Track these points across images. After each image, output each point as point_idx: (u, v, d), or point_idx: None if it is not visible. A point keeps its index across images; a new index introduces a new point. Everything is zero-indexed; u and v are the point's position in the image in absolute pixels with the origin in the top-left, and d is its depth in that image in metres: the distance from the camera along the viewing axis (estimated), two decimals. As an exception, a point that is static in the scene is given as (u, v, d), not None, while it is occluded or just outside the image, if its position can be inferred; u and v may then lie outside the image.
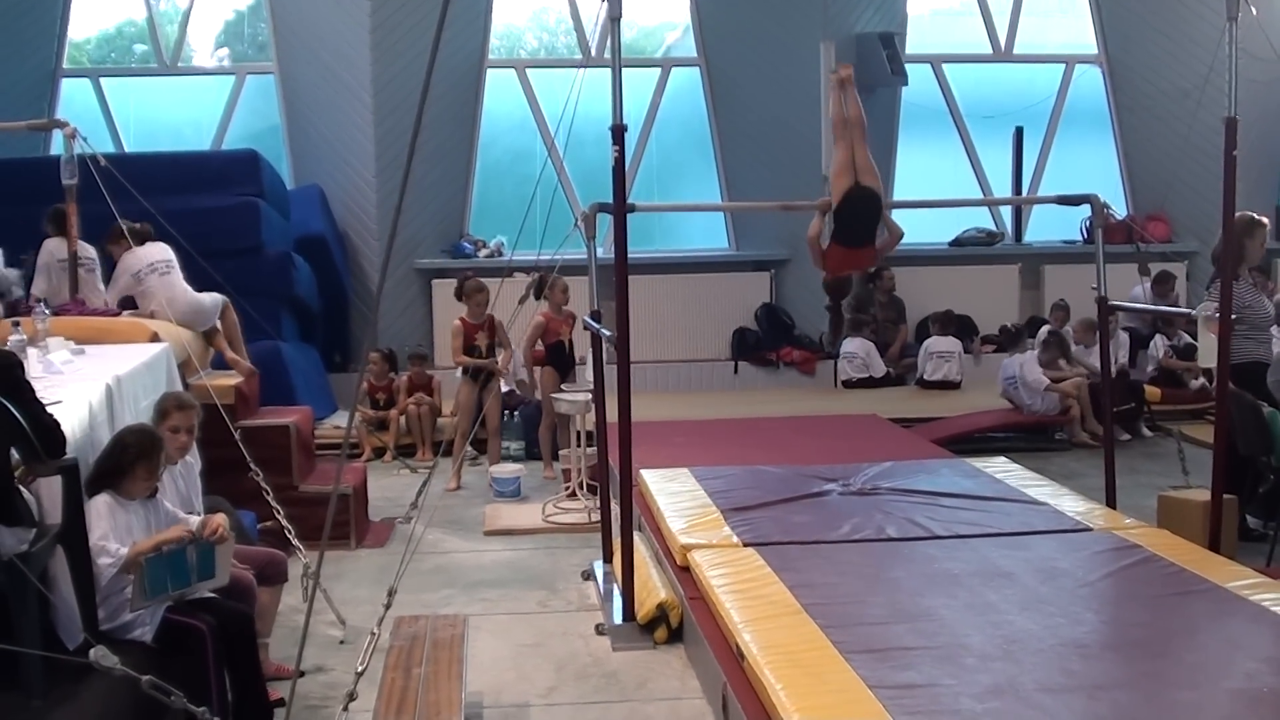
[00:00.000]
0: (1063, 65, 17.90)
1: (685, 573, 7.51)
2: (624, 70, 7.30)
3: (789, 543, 7.73)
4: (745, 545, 7.66)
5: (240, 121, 16.74)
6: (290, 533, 7.82)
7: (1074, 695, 5.28)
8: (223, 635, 5.84)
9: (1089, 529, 7.99)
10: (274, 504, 7.99)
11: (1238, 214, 9.32)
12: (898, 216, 9.26)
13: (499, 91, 16.66)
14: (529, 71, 16.88)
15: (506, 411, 13.14)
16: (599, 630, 7.68)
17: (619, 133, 7.22)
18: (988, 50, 17.78)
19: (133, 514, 5.84)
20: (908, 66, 16.39)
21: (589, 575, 8.82)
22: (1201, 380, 14.00)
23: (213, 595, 6.02)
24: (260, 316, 11.93)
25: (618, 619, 7.63)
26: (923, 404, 14.92)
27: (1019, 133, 17.34)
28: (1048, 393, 13.50)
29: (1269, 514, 9.45)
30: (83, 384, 6.47)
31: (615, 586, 7.92)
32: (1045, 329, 14.91)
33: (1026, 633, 6.07)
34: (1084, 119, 17.87)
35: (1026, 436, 13.75)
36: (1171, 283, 15.16)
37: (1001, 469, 9.92)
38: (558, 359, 12.05)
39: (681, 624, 7.32)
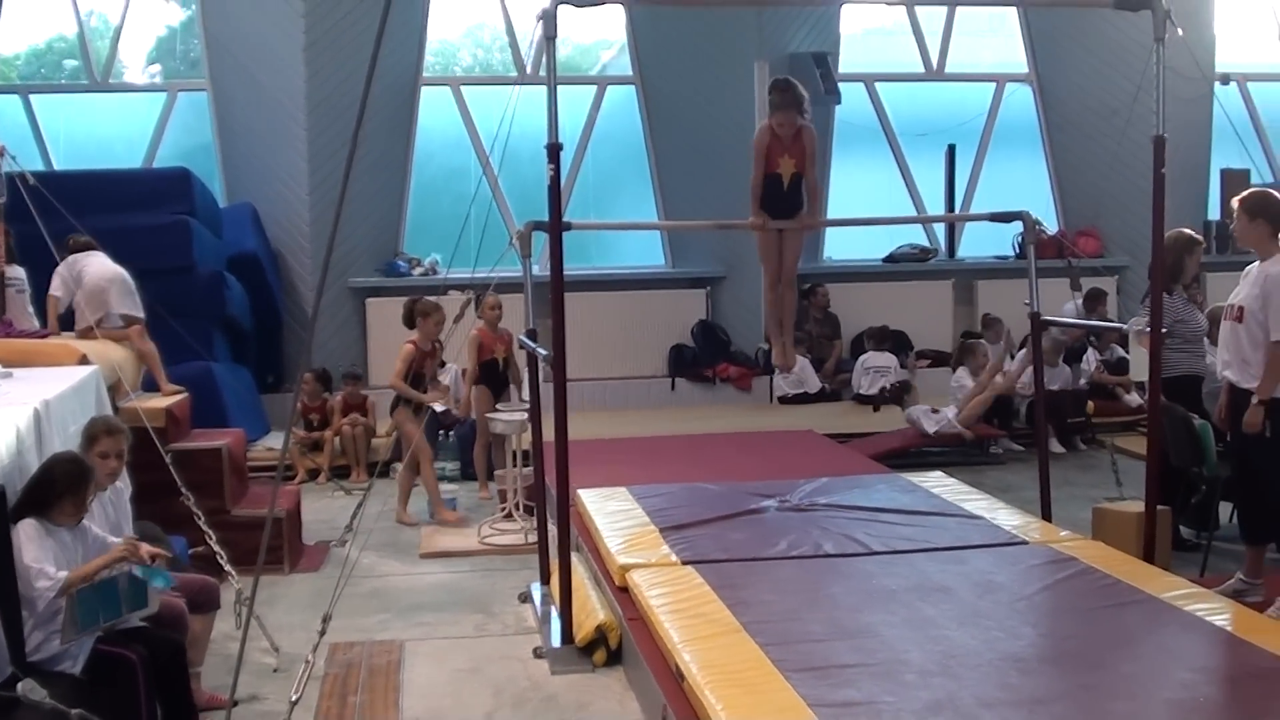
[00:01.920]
0: (994, 84, 18.02)
1: (624, 593, 7.45)
2: (559, 88, 7.27)
3: (727, 560, 7.69)
4: (684, 564, 7.62)
5: (172, 139, 16.57)
6: (222, 558, 7.70)
7: (1013, 709, 5.26)
8: (154, 665, 5.73)
9: (1025, 542, 8.00)
10: (206, 529, 7.86)
11: (1178, 231, 9.42)
12: (833, 234, 9.27)
13: (433, 108, 16.60)
14: (464, 88, 16.83)
15: (441, 431, 13.05)
16: (537, 653, 7.60)
17: (554, 151, 7.18)
18: (920, 69, 17.86)
19: (60, 541, 5.72)
20: (841, 85, 16.42)
21: (526, 597, 8.75)
22: (1135, 394, 14.10)
23: (143, 624, 5.92)
24: (192, 337, 11.82)
25: (556, 642, 7.56)
26: (858, 419, 14.94)
27: (951, 150, 17.42)
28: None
29: (1202, 524, 9.51)
30: (10, 408, 6.34)
31: (553, 608, 7.87)
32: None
33: (965, 647, 6.05)
34: (1015, 136, 17.99)
35: (961, 451, 13.78)
36: (1102, 299, 15.25)
37: (937, 483, 9.92)
38: (492, 378, 11.96)
39: (620, 645, 7.26)
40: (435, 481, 11.34)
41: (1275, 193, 8.06)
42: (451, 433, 13.30)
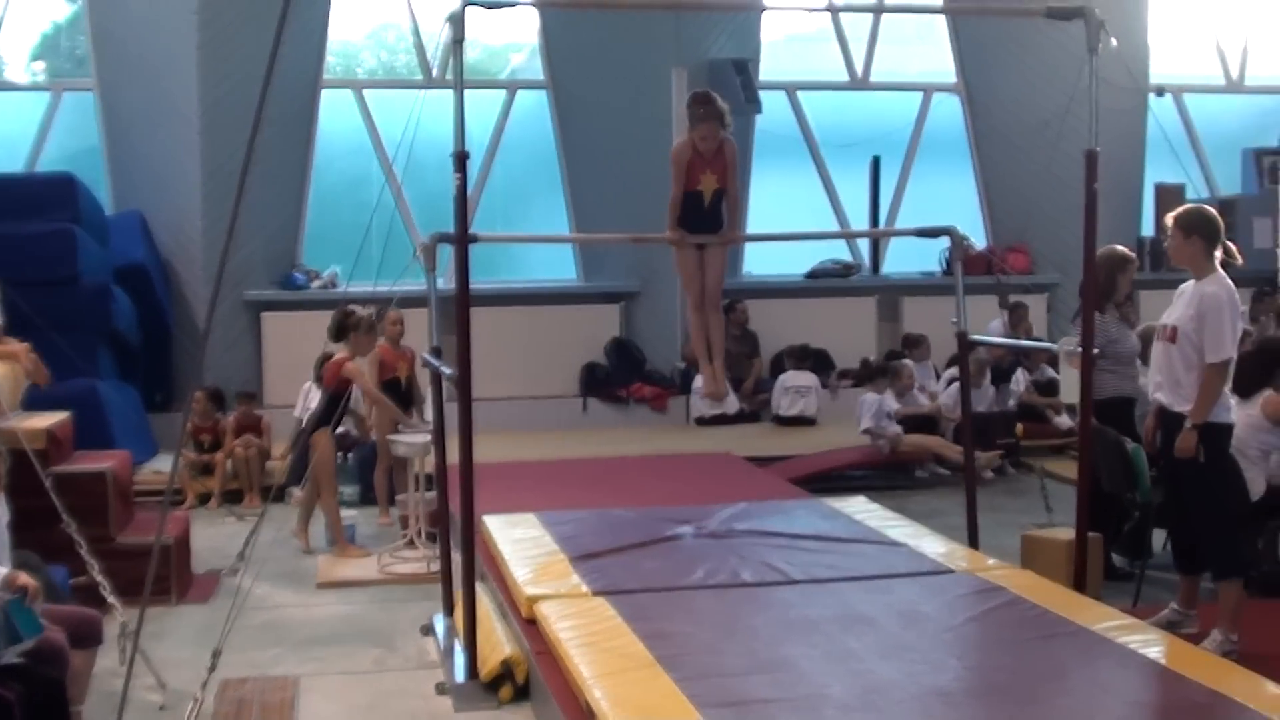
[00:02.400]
0: (920, 94, 18.14)
1: (531, 625, 7.41)
2: (467, 92, 7.23)
3: (641, 590, 7.66)
4: (595, 594, 7.58)
5: (56, 142, 16.36)
6: (106, 589, 7.58)
7: (939, 748, 5.27)
8: (30, 705, 5.61)
9: (951, 571, 8.02)
10: (88, 557, 7.72)
11: (1110, 248, 9.51)
12: (752, 249, 9.28)
13: (334, 113, 16.50)
14: (366, 92, 16.75)
15: (340, 453, 12.96)
16: (439, 689, 7.54)
17: (461, 159, 7.14)
18: (844, 78, 17.96)
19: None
20: (762, 94, 16.49)
21: (429, 630, 8.69)
22: (1065, 417, 14.22)
23: (19, 660, 5.79)
24: (75, 353, 11.68)
25: (460, 677, 7.51)
26: (778, 441, 14.97)
27: (876, 162, 17.53)
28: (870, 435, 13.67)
29: (1134, 552, 9.58)
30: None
31: (457, 642, 7.81)
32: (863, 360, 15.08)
33: (888, 681, 6.05)
34: (943, 148, 18.12)
35: (886, 474, 13.84)
36: (1025, 313, 15.39)
37: (860, 509, 9.94)
38: (394, 397, 11.88)
39: (528, 681, 7.22)
40: (338, 510, 11.23)
41: (1211, 209, 8.14)
42: (350, 455, 13.20)
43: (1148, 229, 18.00)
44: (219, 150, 15.04)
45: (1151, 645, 6.46)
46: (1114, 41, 7.42)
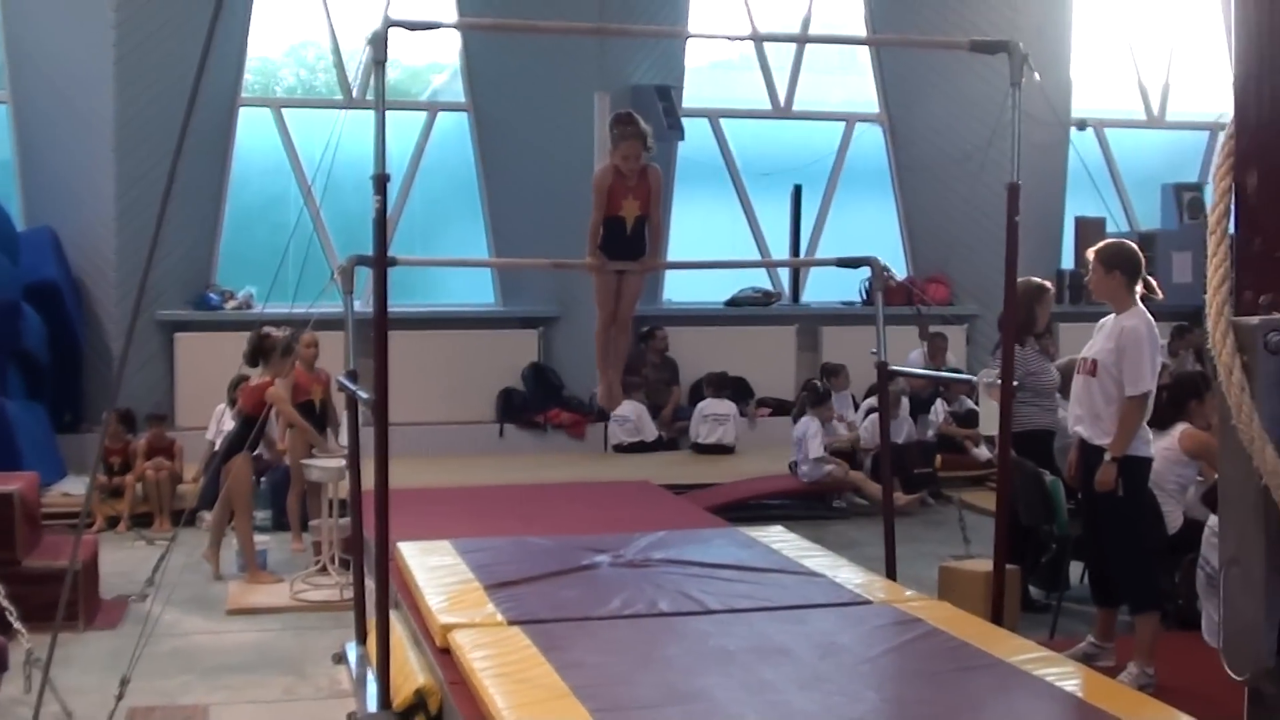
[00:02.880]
0: (843, 123, 18.23)
1: (445, 655, 7.35)
2: (388, 113, 7.19)
3: (557, 620, 7.62)
4: (510, 624, 7.54)
5: (-36, 155, 16.21)
6: (12, 614, 7.48)
7: (855, 781, 5.27)
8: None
9: (869, 601, 8.02)
10: (-8, 581, 7.66)
11: (1026, 280, 9.57)
12: (673, 275, 9.28)
13: (252, 131, 16.40)
14: (285, 111, 16.67)
15: (252, 478, 12.86)
16: (351, 719, 7.49)
17: (381, 182, 7.08)
18: (767, 106, 18.03)
19: None
20: (685, 120, 16.54)
21: (341, 658, 8.62)
22: (984, 448, 14.31)
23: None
24: (-17, 371, 11.55)
25: (372, 706, 7.43)
26: (696, 469, 14.99)
27: (797, 191, 17.60)
28: (818, 463, 13.65)
29: (1051, 585, 9.66)
30: None
31: (370, 670, 7.74)
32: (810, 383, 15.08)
33: (804, 713, 6.04)
34: (864, 178, 18.23)
35: (804, 504, 13.89)
36: (944, 344, 15.49)
37: (778, 538, 9.94)
38: (308, 420, 11.80)
39: (441, 711, 7.17)
40: (252, 536, 11.14)
41: (1132, 244, 8.24)
42: (263, 480, 13.10)
43: (1068, 262, 18.18)
44: (134, 166, 14.93)
45: (1068, 678, 6.48)
46: (1037, 75, 7.48)
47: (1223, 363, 1.55)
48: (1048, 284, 10.16)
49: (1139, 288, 7.87)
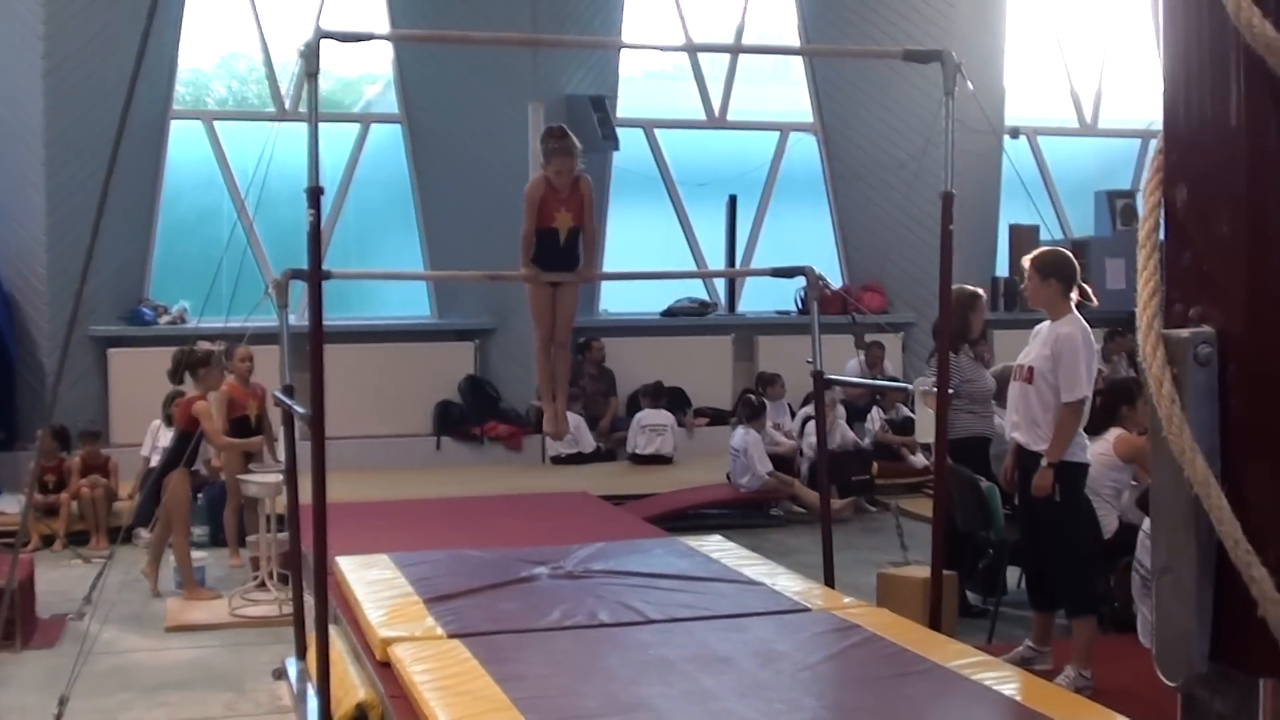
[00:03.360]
0: (777, 133, 18.30)
1: (386, 668, 7.34)
2: (320, 125, 7.16)
3: (497, 632, 7.62)
4: (450, 636, 7.52)
5: (-106, 171, 16.04)
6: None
7: (796, 789, 5.29)
8: None
9: (808, 609, 8.05)
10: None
11: (959, 287, 9.62)
12: (609, 286, 9.29)
13: (184, 144, 16.32)
14: (217, 123, 16.59)
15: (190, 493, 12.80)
16: (291, 733, 7.48)
17: (315, 195, 7.05)
18: (702, 116, 18.07)
19: None
20: (620, 131, 16.56)
21: (281, 674, 8.59)
22: (920, 455, 14.38)
23: None
24: (-87, 388, 11.45)
25: (313, 720, 7.44)
26: (634, 480, 15.01)
27: (733, 201, 17.65)
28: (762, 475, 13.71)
29: (988, 590, 9.71)
30: None
31: (310, 685, 7.71)
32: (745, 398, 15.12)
33: (746, 722, 6.07)
34: (799, 188, 18.30)
35: (741, 513, 13.93)
36: (880, 353, 15.58)
37: (717, 547, 9.96)
38: (242, 435, 11.74)
39: (382, 723, 7.17)
40: (189, 552, 11.07)
41: (1067, 252, 8.32)
42: (200, 495, 13.03)
43: (1002, 269, 18.31)
44: (65, 182, 14.84)
45: (1006, 682, 6.53)
46: (970, 84, 7.53)
47: (1153, 375, 1.57)
48: (980, 291, 10.25)
49: (1074, 295, 7.94)
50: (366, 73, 18.23)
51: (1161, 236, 1.70)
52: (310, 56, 6.88)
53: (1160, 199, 1.69)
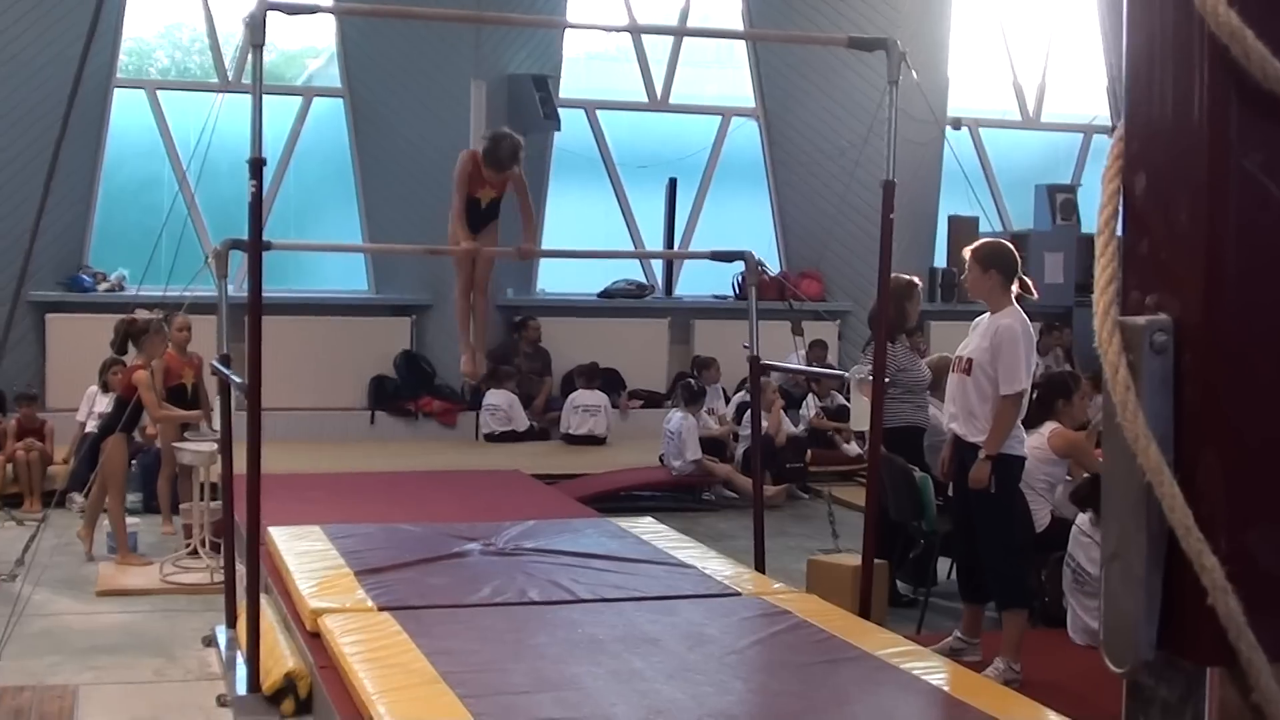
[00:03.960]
0: (719, 117, 18.28)
1: (315, 639, 7.30)
2: (264, 97, 7.10)
3: (426, 607, 7.60)
4: (380, 609, 7.49)
5: None
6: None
7: (724, 770, 5.29)
8: None
9: (738, 593, 8.06)
10: None
11: (895, 277, 9.62)
12: (547, 265, 9.31)
13: (125, 112, 16.16)
14: (160, 93, 16.44)
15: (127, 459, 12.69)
16: (220, 702, 7.42)
17: (258, 166, 7.00)
18: (644, 98, 18.04)
19: None
20: (561, 111, 16.52)
21: (211, 641, 8.54)
22: (854, 444, 14.40)
23: None
24: None
25: (242, 689, 7.37)
26: (567, 460, 14.99)
27: (673, 184, 17.63)
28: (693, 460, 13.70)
29: (919, 580, 9.74)
30: None
31: (239, 653, 7.67)
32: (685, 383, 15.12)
33: (673, 702, 6.05)
34: (740, 173, 18.29)
35: (673, 496, 13.93)
36: (822, 353, 15.61)
37: (648, 529, 9.96)
38: (179, 404, 11.68)
39: (311, 695, 7.12)
40: (124, 518, 10.99)
41: (1008, 244, 8.33)
42: (133, 462, 12.92)
43: (940, 260, 18.37)
44: (4, 148, 14.69)
45: (935, 672, 6.54)
46: (914, 74, 7.54)
47: (1109, 362, 1.56)
48: (917, 281, 10.27)
49: (1015, 287, 7.95)
50: (309, 46, 18.12)
51: (1119, 225, 1.69)
52: (255, 28, 6.83)
53: (1119, 186, 1.68)
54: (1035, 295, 8.26)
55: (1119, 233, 1.66)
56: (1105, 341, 1.59)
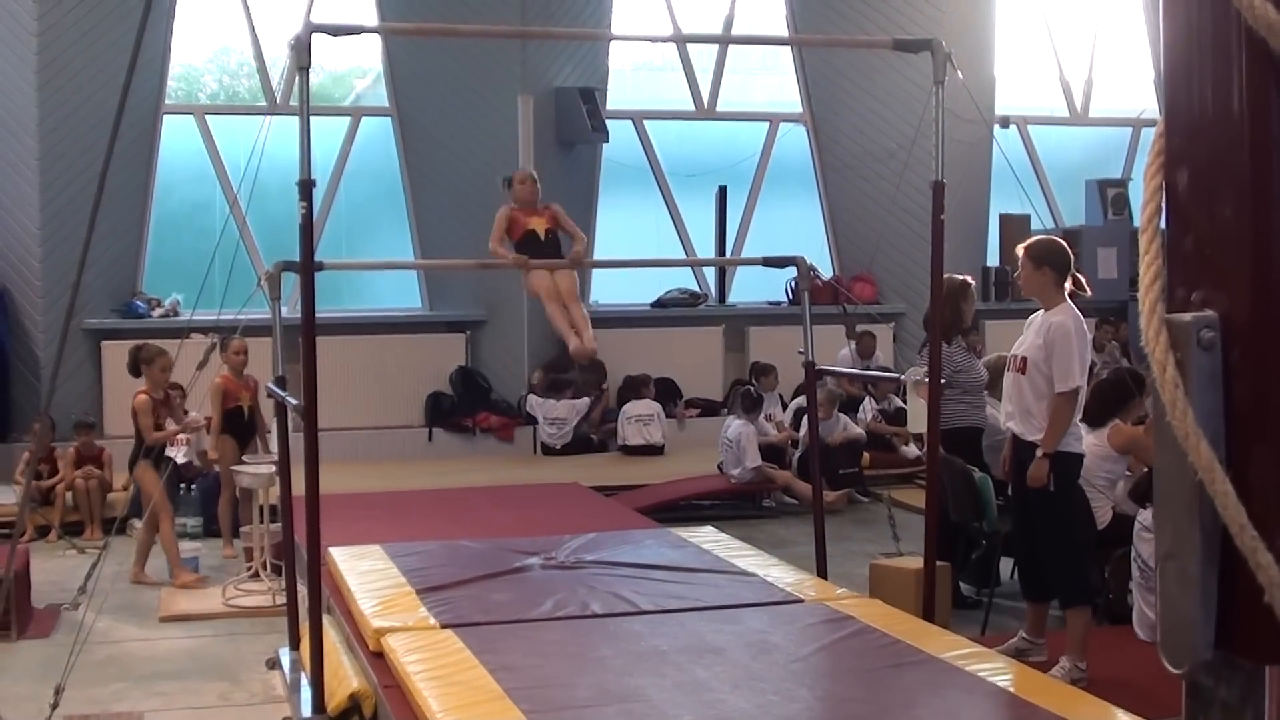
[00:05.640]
0: (767, 124, 18.25)
1: (379, 659, 7.32)
2: (311, 118, 7.14)
3: (489, 623, 7.61)
4: (443, 627, 7.51)
5: (-112, 167, 15.99)
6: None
7: (790, 779, 5.27)
8: None
9: (800, 600, 8.04)
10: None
11: (948, 277, 9.58)
12: (599, 277, 9.36)
13: (176, 138, 16.28)
14: (209, 117, 16.55)
15: (182, 485, 12.76)
16: (285, 723, 7.46)
17: (307, 188, 7.03)
18: (691, 107, 18.03)
19: None
20: (609, 123, 16.53)
21: (274, 663, 8.59)
22: (912, 446, 14.35)
23: None
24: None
25: (306, 711, 7.39)
26: (625, 471, 14.99)
27: (722, 192, 17.60)
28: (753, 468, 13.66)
29: (982, 581, 9.70)
30: None
31: (303, 675, 7.70)
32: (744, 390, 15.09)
33: (739, 711, 6.04)
34: (789, 178, 18.25)
35: (733, 504, 13.90)
36: (872, 343, 15.55)
37: (709, 538, 9.95)
38: (237, 427, 11.76)
39: (376, 715, 7.14)
40: (175, 541, 11.07)
41: (1061, 240, 8.28)
42: (193, 486, 13.01)
43: (993, 259, 18.29)
44: (59, 175, 14.84)
45: (1000, 673, 6.51)
46: (960, 74, 7.51)
47: (1156, 360, 1.55)
48: (970, 280, 10.22)
49: (1068, 284, 7.91)
50: (356, 66, 18.19)
51: (1163, 221, 1.68)
52: (301, 50, 6.86)
53: (1161, 183, 1.67)
54: (1089, 292, 8.22)
55: (1163, 229, 1.66)
56: (1152, 339, 1.58)
